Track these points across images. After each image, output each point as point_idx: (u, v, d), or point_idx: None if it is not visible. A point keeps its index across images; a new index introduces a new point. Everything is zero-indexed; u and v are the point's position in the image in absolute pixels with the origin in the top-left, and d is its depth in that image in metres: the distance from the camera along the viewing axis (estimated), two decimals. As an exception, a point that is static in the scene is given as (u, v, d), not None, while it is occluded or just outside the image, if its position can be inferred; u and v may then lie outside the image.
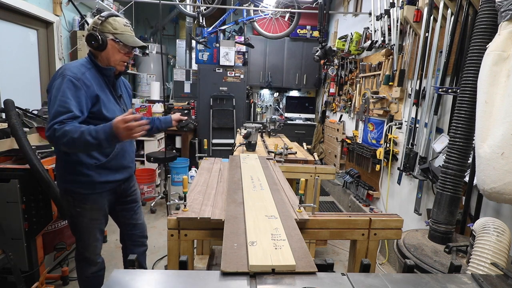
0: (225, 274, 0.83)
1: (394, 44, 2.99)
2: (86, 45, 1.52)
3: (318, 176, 2.06)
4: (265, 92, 6.31)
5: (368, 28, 3.61)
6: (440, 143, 2.23)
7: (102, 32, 1.51)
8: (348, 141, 4.12)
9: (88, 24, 3.70)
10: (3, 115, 2.32)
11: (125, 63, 1.63)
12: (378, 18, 3.24)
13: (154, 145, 4.34)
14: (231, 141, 5.16)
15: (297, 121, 5.94)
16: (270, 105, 6.35)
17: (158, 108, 4.69)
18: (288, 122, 5.83)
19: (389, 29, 3.07)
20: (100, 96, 1.52)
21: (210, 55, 5.13)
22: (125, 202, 1.84)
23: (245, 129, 2.70)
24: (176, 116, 1.99)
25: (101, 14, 1.54)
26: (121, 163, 1.68)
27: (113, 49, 1.54)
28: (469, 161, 1.74)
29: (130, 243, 1.94)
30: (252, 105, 5.94)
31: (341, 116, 4.69)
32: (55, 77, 1.47)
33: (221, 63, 5.12)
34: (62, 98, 1.40)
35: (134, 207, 1.90)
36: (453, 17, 2.19)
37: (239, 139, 3.12)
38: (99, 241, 1.74)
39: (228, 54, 5.09)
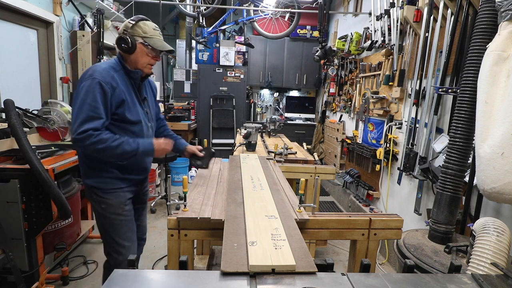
0: (225, 274, 0.83)
1: (394, 44, 2.99)
2: (117, 47, 1.55)
3: (318, 176, 2.06)
4: (265, 92, 6.31)
5: (368, 28, 3.61)
6: (440, 143, 2.23)
7: (132, 35, 1.53)
8: (348, 141, 4.12)
9: (88, 24, 3.70)
10: (3, 115, 2.32)
11: (152, 66, 1.65)
12: (378, 18, 3.24)
13: (154, 145, 4.32)
14: (231, 141, 5.16)
15: (297, 121, 5.94)
16: (270, 105, 6.35)
17: (158, 108, 4.68)
18: (288, 122, 5.83)
19: (389, 29, 3.07)
20: (126, 99, 1.55)
21: (210, 55, 5.13)
22: (136, 202, 1.84)
23: (245, 129, 2.70)
24: (191, 148, 1.92)
25: (132, 18, 1.57)
26: (141, 165, 1.73)
27: (141, 52, 1.56)
28: (469, 161, 1.74)
29: None
30: (252, 105, 5.94)
31: (341, 116, 4.69)
32: (83, 78, 1.48)
33: (221, 63, 5.12)
34: (92, 103, 1.43)
35: (142, 208, 1.92)
36: (453, 17, 2.19)
37: (239, 139, 3.12)
38: (133, 242, 1.71)
39: (228, 54, 5.09)
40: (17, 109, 1.96)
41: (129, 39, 1.51)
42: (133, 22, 1.54)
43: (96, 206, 1.65)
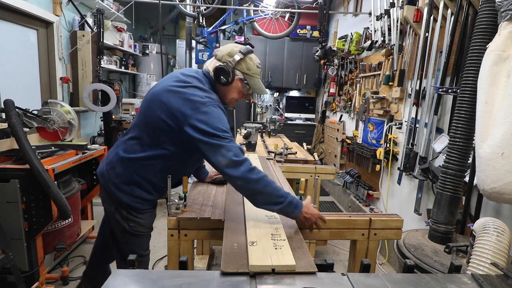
0: (225, 274, 0.83)
1: (394, 44, 2.99)
2: (212, 75, 1.38)
3: (318, 176, 2.06)
4: (265, 92, 6.30)
5: (368, 28, 3.61)
6: (440, 143, 2.23)
7: (235, 69, 1.38)
8: (348, 141, 4.12)
9: (88, 24, 3.70)
10: (3, 115, 2.31)
11: (236, 102, 1.50)
12: (378, 18, 3.24)
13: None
14: (231, 141, 5.15)
15: (297, 121, 5.94)
16: (270, 105, 6.35)
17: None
18: (288, 122, 5.83)
19: (389, 29, 3.07)
20: None
21: (210, 55, 5.13)
22: None
23: (245, 129, 2.70)
24: (210, 175, 1.83)
25: (241, 49, 1.39)
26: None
27: (236, 88, 1.41)
28: (469, 161, 1.74)
29: None
30: (252, 105, 5.94)
31: (341, 116, 4.69)
32: (203, 103, 1.26)
33: (221, 63, 5.11)
34: (227, 135, 1.25)
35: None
36: (453, 17, 2.19)
37: (239, 139, 3.12)
38: (149, 249, 1.63)
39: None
40: (17, 109, 1.96)
41: (231, 72, 1.35)
42: (242, 56, 1.38)
43: (123, 223, 1.48)
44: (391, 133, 3.01)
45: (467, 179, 1.89)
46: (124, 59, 4.80)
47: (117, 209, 1.46)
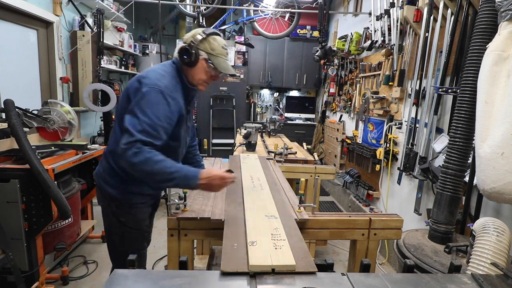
0: (225, 274, 0.83)
1: (394, 44, 2.99)
2: (178, 57, 1.42)
3: (318, 176, 2.06)
4: (265, 92, 6.31)
5: (368, 28, 3.61)
6: (440, 143, 2.23)
7: (198, 49, 1.40)
8: (348, 141, 4.12)
9: (88, 24, 3.70)
10: (3, 115, 2.31)
11: (208, 84, 1.52)
12: (378, 18, 3.24)
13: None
14: (231, 141, 5.15)
15: (297, 121, 5.94)
16: (270, 105, 6.35)
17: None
18: (288, 122, 5.83)
19: (389, 29, 3.07)
20: (184, 115, 1.43)
21: (210, 55, 5.13)
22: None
23: (245, 129, 2.70)
24: None
25: (204, 30, 1.43)
26: None
27: (201, 69, 1.43)
28: (469, 161, 1.74)
29: None
30: (252, 105, 5.94)
31: (341, 116, 4.69)
32: (143, 84, 1.31)
33: (221, 63, 5.11)
34: (154, 118, 1.26)
35: (152, 215, 1.84)
36: (453, 17, 2.19)
37: (239, 139, 3.12)
38: (145, 249, 1.64)
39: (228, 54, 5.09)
40: (17, 109, 1.96)
41: (194, 52, 1.38)
42: (204, 36, 1.40)
43: (112, 217, 1.50)
44: (391, 133, 3.01)
45: (467, 179, 1.89)
46: (124, 59, 4.80)
47: (109, 204, 1.49)
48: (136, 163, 1.21)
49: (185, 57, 1.39)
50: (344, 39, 4.18)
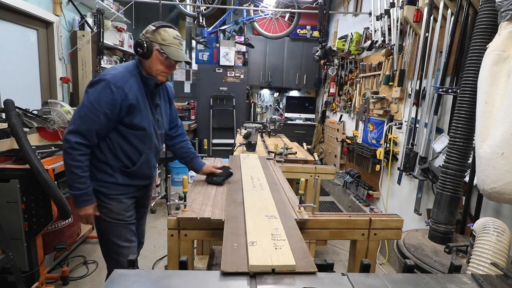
0: (225, 274, 0.83)
1: (394, 44, 2.99)
2: (134, 51, 1.55)
3: (318, 176, 2.06)
4: (265, 92, 6.31)
5: (368, 28, 3.61)
6: (440, 143, 2.23)
7: (151, 41, 1.51)
8: (348, 141, 4.12)
9: (88, 24, 3.70)
10: (3, 115, 2.31)
11: (167, 75, 1.62)
12: (378, 18, 3.24)
13: (154, 145, 4.33)
14: (231, 141, 5.16)
15: (297, 121, 5.94)
16: (270, 105, 6.35)
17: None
18: (288, 122, 5.83)
19: (389, 29, 3.07)
20: (138, 105, 1.52)
21: (210, 55, 5.13)
22: (137, 205, 1.80)
23: (245, 129, 2.70)
24: (207, 168, 1.83)
25: (154, 23, 1.54)
26: (144, 172, 1.68)
27: (156, 59, 1.53)
28: (469, 161, 1.74)
29: None
30: (252, 105, 5.94)
31: (341, 116, 4.69)
32: (97, 80, 1.46)
33: (221, 63, 5.12)
34: (92, 109, 1.43)
35: (143, 212, 1.90)
36: (453, 17, 2.19)
37: (239, 139, 3.12)
38: (133, 243, 1.67)
39: (228, 54, 5.09)
40: (17, 109, 1.96)
41: (145, 44, 1.49)
42: (154, 28, 1.51)
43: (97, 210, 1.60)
44: (391, 133, 3.01)
45: (467, 179, 1.89)
46: (124, 59, 4.80)
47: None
48: (65, 158, 1.45)
49: (138, 49, 1.51)
50: (344, 39, 4.18)
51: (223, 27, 4.74)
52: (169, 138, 1.90)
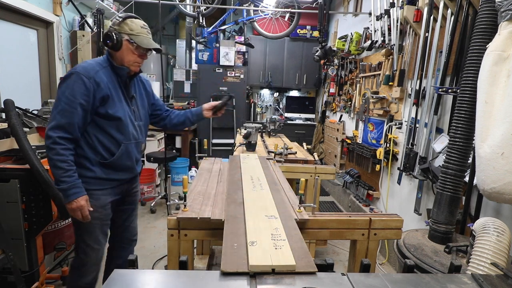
0: (225, 274, 0.83)
1: (394, 44, 2.99)
2: (103, 43, 1.56)
3: (318, 176, 2.06)
4: (265, 92, 6.31)
5: (368, 28, 3.61)
6: (440, 143, 2.23)
7: (119, 32, 1.53)
8: (348, 141, 4.12)
9: (88, 24, 3.70)
10: (3, 115, 2.31)
11: (139, 64, 1.64)
12: (378, 18, 3.23)
13: (154, 145, 4.34)
14: (231, 141, 5.16)
15: (297, 121, 5.94)
16: (270, 105, 6.35)
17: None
18: (288, 122, 5.83)
19: (389, 29, 3.07)
20: (111, 95, 1.54)
21: (210, 55, 5.13)
22: (123, 203, 1.81)
23: (245, 129, 2.69)
24: (207, 105, 1.98)
25: (120, 15, 1.57)
26: (126, 163, 1.67)
27: (127, 49, 1.56)
28: (469, 161, 1.74)
29: (118, 244, 1.90)
30: (252, 105, 5.94)
31: (341, 116, 4.69)
32: (68, 75, 1.48)
33: (221, 63, 5.12)
34: (68, 102, 1.44)
35: (131, 209, 1.88)
36: (453, 17, 2.19)
37: (239, 139, 3.12)
38: (102, 246, 1.69)
39: (228, 54, 5.09)
40: (17, 109, 1.96)
41: (114, 35, 1.51)
42: (120, 19, 1.54)
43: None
44: (391, 133, 3.01)
45: (467, 179, 1.89)
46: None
47: None
48: (49, 154, 1.46)
49: (108, 42, 1.53)
50: (344, 39, 4.18)
51: (223, 27, 4.75)
52: (163, 118, 1.96)
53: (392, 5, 2.98)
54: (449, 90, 2.12)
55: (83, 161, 1.56)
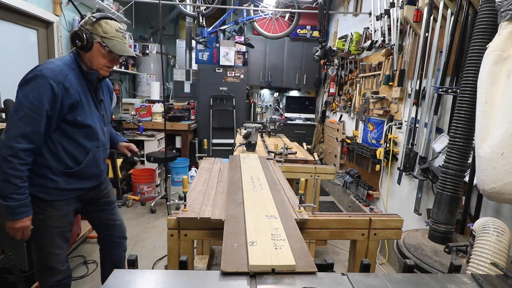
0: (225, 274, 0.83)
1: (394, 44, 2.99)
2: (70, 42, 1.43)
3: (318, 176, 2.06)
4: (265, 92, 6.31)
5: (368, 28, 3.61)
6: (440, 143, 2.23)
7: (91, 33, 1.42)
8: (348, 141, 4.12)
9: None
10: (3, 115, 2.32)
11: (110, 69, 1.54)
12: (378, 18, 3.24)
13: (154, 145, 4.34)
14: (231, 141, 5.16)
15: (297, 121, 5.94)
16: (270, 105, 6.35)
17: (158, 108, 4.69)
18: (288, 122, 5.83)
19: (389, 29, 3.07)
20: (81, 101, 1.44)
21: (210, 55, 5.13)
22: (98, 204, 1.74)
23: (245, 129, 2.70)
24: (126, 144, 1.89)
25: (94, 14, 1.45)
26: (92, 171, 1.59)
27: (98, 52, 1.45)
28: (469, 161, 1.74)
29: (107, 244, 1.84)
30: (252, 105, 5.94)
31: (341, 116, 4.69)
32: (32, 77, 1.33)
33: (221, 63, 5.12)
34: (33, 108, 1.30)
35: (109, 208, 1.80)
36: (453, 17, 2.19)
37: (239, 139, 3.12)
38: (64, 249, 1.60)
39: (228, 54, 5.09)
40: (17, 109, 1.96)
41: (84, 36, 1.39)
42: (94, 19, 1.42)
43: (34, 217, 1.45)
44: (391, 133, 3.01)
45: (467, 179, 1.89)
46: (124, 59, 4.79)
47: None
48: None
49: (77, 42, 1.40)
50: (344, 39, 4.18)
51: (223, 27, 4.74)
52: None
53: (392, 5, 2.98)
54: (449, 90, 2.12)
55: (43, 171, 1.44)
